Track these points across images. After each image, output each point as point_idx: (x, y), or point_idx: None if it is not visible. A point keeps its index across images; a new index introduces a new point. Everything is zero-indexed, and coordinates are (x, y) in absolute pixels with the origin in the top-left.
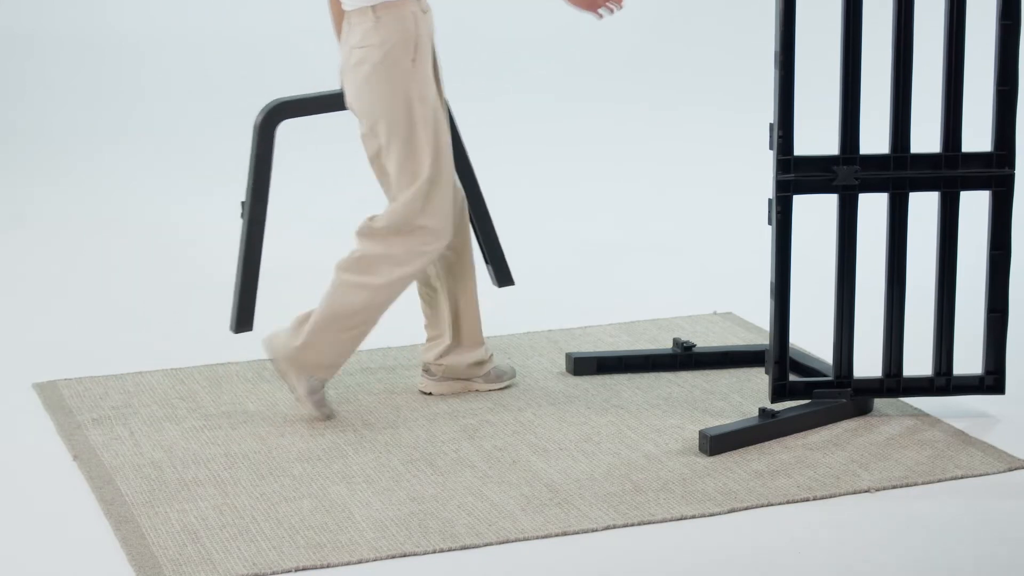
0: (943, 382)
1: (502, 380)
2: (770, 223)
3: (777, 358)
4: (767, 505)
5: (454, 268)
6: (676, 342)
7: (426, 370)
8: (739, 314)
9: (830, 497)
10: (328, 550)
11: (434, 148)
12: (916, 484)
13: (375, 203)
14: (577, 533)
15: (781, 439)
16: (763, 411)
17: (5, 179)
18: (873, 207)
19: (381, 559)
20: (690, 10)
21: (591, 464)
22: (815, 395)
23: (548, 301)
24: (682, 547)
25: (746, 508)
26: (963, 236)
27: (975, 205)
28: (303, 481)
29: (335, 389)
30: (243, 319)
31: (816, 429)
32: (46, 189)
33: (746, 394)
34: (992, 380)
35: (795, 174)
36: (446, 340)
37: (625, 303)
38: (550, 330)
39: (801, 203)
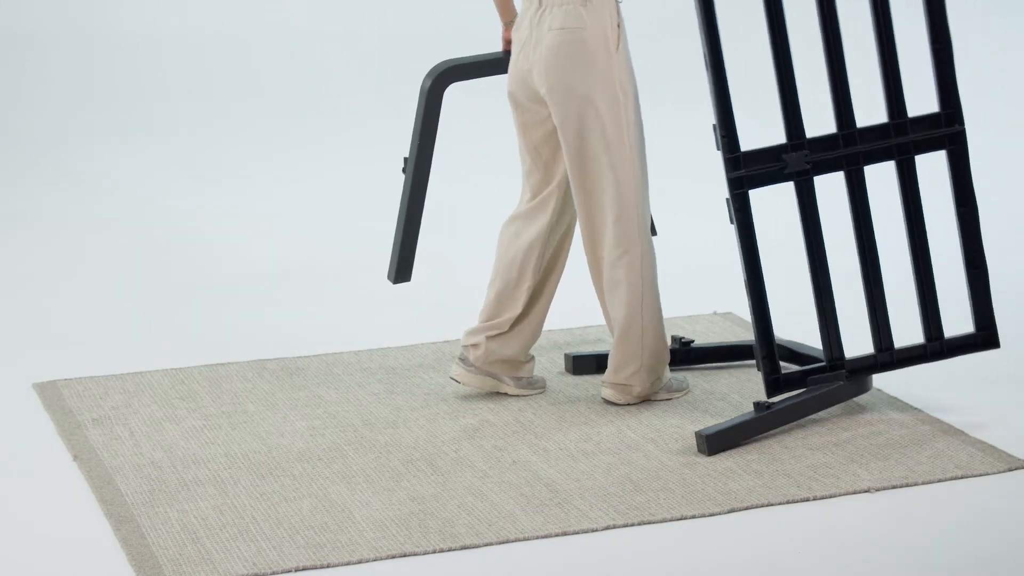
0: (937, 347)
1: (533, 388)
2: (732, 222)
3: (765, 353)
4: (767, 505)
5: (554, 262)
6: (674, 339)
7: (463, 357)
8: (739, 314)
9: (830, 497)
10: (328, 550)
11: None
12: (916, 484)
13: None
14: (577, 533)
15: (781, 439)
16: (758, 404)
17: (4, 179)
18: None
19: (381, 559)
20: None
21: (591, 464)
22: (810, 383)
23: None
24: (682, 547)
25: (746, 508)
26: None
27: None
28: (303, 481)
29: (335, 389)
30: (402, 270)
31: (816, 429)
32: (46, 189)
33: (746, 394)
34: (984, 336)
35: (746, 169)
36: (502, 328)
37: None
38: (550, 330)
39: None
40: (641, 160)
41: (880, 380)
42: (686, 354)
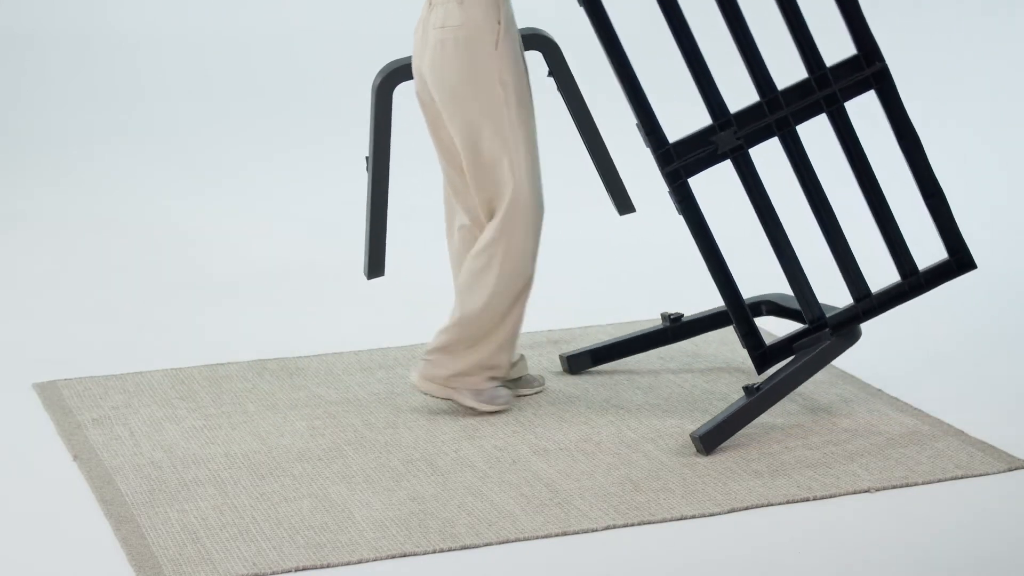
0: (915, 281)
1: (531, 386)
2: (680, 214)
3: (744, 331)
4: (767, 505)
5: None
6: (664, 316)
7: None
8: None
9: (830, 497)
10: (328, 550)
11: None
12: (916, 484)
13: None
14: (577, 533)
15: (781, 440)
16: (747, 388)
17: (4, 179)
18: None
19: (381, 559)
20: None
21: (591, 464)
22: (796, 348)
23: (548, 301)
24: (682, 547)
25: (746, 508)
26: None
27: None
28: (303, 481)
29: (335, 389)
30: (375, 266)
31: (816, 430)
32: (45, 189)
33: None
34: (958, 260)
35: (679, 160)
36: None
37: (625, 303)
38: (550, 330)
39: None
40: (527, 156)
41: (880, 380)
42: (678, 329)
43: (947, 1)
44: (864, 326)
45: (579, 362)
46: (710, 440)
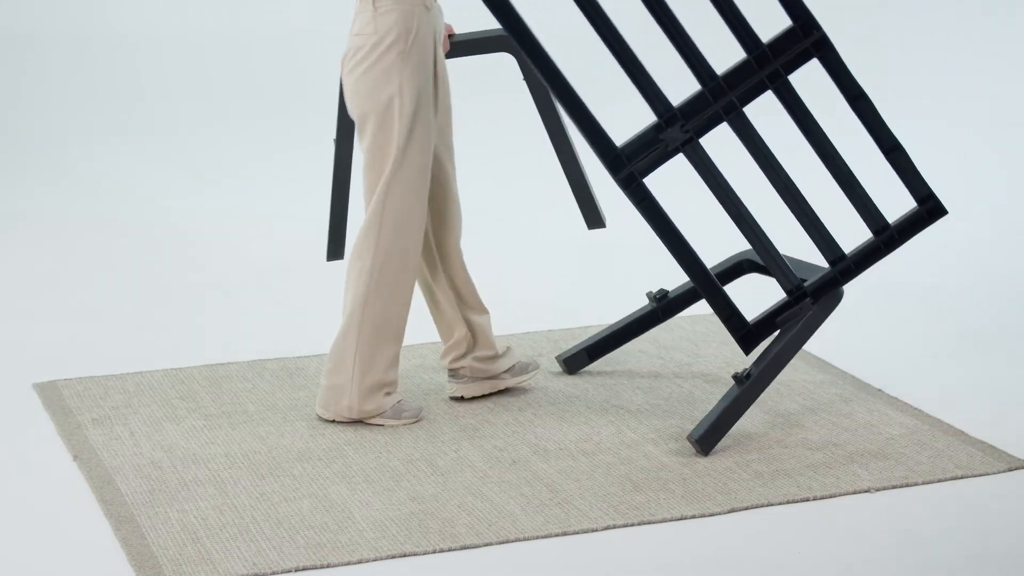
0: (888, 236)
1: (528, 372)
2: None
3: (726, 316)
4: (767, 505)
5: (446, 256)
6: (649, 295)
7: (453, 373)
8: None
9: (830, 497)
10: (328, 550)
11: (402, 144)
12: (916, 484)
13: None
14: (577, 533)
15: (781, 439)
16: (736, 376)
17: (4, 179)
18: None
19: (381, 559)
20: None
21: (591, 464)
22: (780, 323)
23: (547, 301)
24: (682, 547)
25: (746, 508)
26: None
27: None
28: (303, 481)
29: None
30: (334, 249)
31: (816, 430)
32: (46, 189)
33: None
34: (929, 208)
35: (631, 164)
36: (464, 344)
37: (626, 303)
38: (550, 330)
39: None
40: (406, 173)
41: (880, 380)
42: (666, 307)
43: (947, 1)
44: (864, 326)
45: (575, 361)
46: (707, 441)
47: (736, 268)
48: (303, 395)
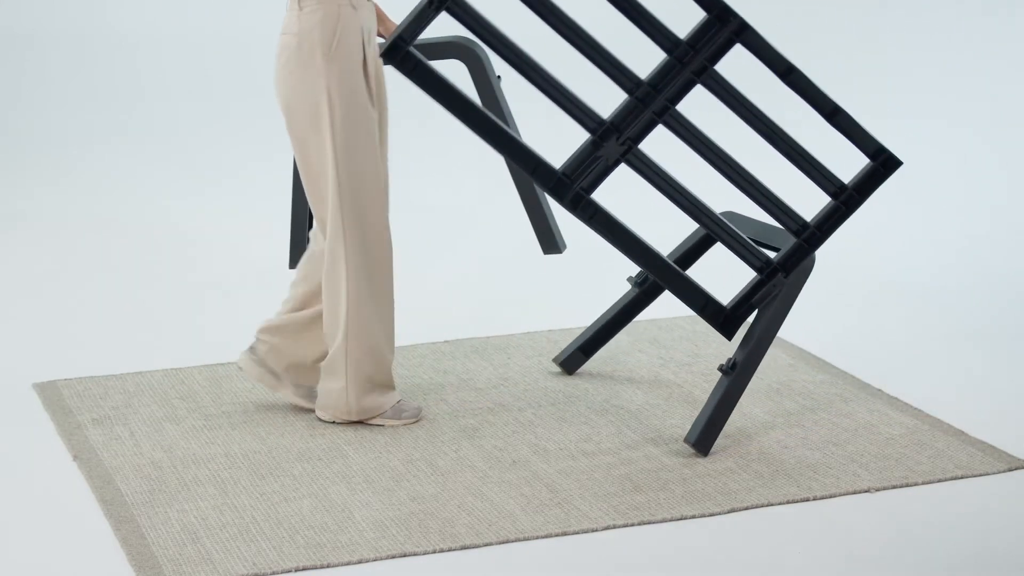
0: (847, 196)
1: (311, 401)
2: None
3: (701, 305)
4: (767, 505)
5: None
6: (631, 281)
7: (253, 348)
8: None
9: (830, 497)
10: (328, 550)
11: (341, 149)
12: (916, 484)
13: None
14: (577, 533)
15: (781, 439)
16: (723, 368)
17: (4, 179)
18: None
19: (381, 559)
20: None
21: (591, 464)
22: (756, 302)
23: (548, 301)
24: (682, 547)
25: (746, 508)
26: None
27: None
28: (303, 481)
29: None
30: (295, 255)
31: (816, 430)
32: (46, 189)
33: (746, 393)
34: (883, 160)
35: (575, 185)
36: (300, 321)
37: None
38: (550, 330)
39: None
40: (354, 174)
41: (880, 380)
42: (649, 289)
43: (947, 1)
44: (864, 326)
45: (572, 361)
46: (705, 440)
47: (707, 238)
48: None
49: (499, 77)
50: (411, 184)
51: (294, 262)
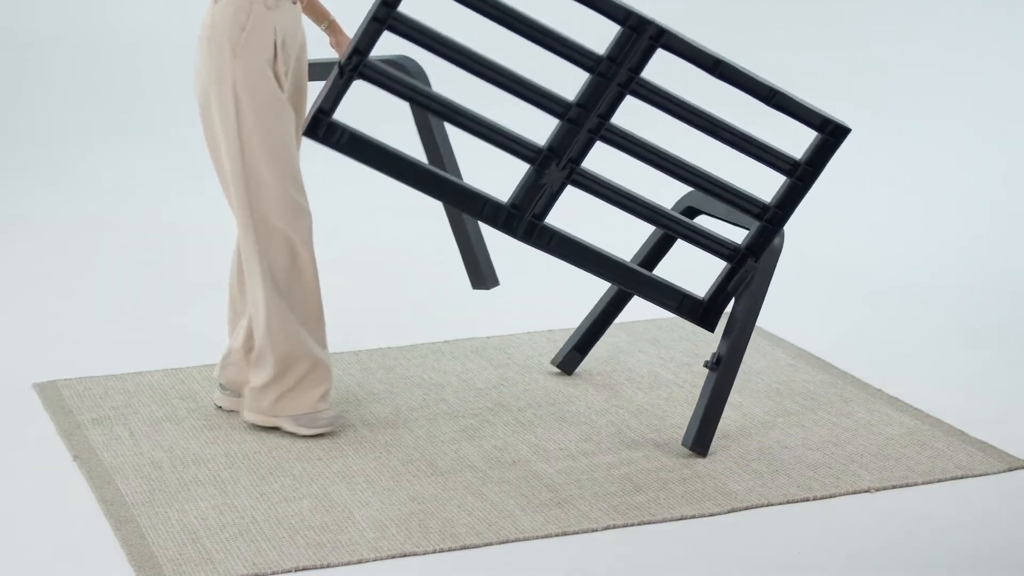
0: (802, 171)
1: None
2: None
3: (675, 305)
4: (767, 505)
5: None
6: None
7: (223, 386)
8: None
9: (830, 497)
10: (328, 550)
11: (240, 145)
12: (916, 484)
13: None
14: (577, 533)
15: (781, 439)
16: (708, 364)
17: (4, 179)
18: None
19: (381, 559)
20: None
21: (591, 464)
22: (732, 290)
23: (548, 301)
24: (682, 547)
25: (746, 508)
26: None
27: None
28: (303, 481)
29: (335, 389)
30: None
31: (816, 430)
32: (46, 189)
33: (746, 393)
34: (831, 130)
35: (527, 216)
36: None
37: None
38: (550, 330)
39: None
40: (256, 173)
41: (880, 380)
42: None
43: (947, 1)
44: (864, 326)
45: (569, 361)
46: (702, 441)
47: (669, 235)
48: None
49: None
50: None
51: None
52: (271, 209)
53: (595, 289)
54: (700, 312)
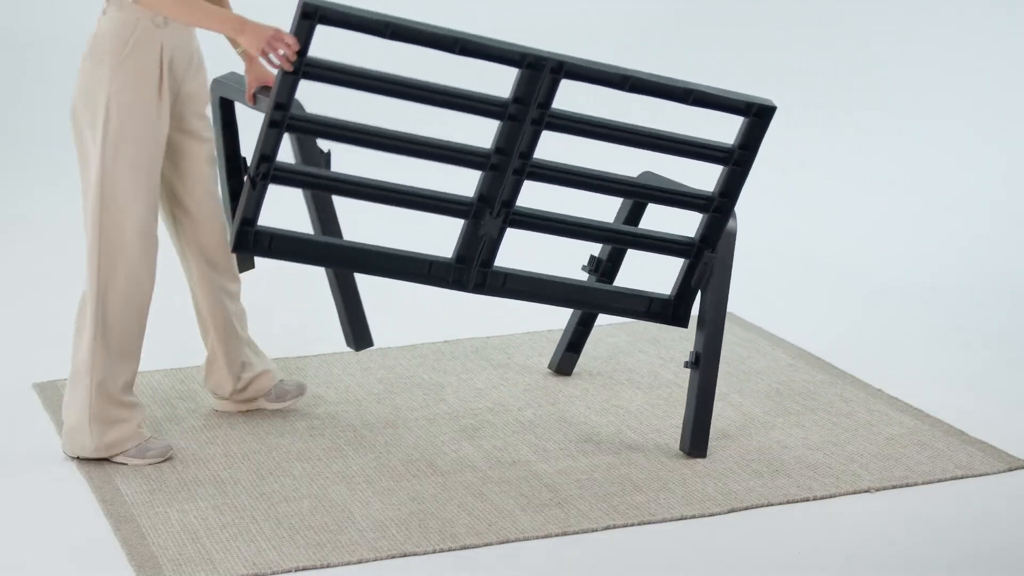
0: (738, 156)
1: (284, 399)
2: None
3: (643, 310)
4: (767, 505)
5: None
6: (586, 269)
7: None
8: (739, 314)
9: (830, 497)
10: (328, 550)
11: (103, 164)
12: (916, 484)
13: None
14: (577, 533)
15: (781, 439)
16: (688, 364)
17: (4, 179)
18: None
19: (381, 559)
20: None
21: (591, 464)
22: (696, 283)
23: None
24: (682, 547)
25: (746, 508)
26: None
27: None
28: (303, 481)
29: (335, 389)
30: (242, 262)
31: (816, 430)
32: (46, 189)
33: (745, 393)
34: (755, 111)
35: (473, 268)
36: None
37: None
38: (550, 330)
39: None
40: (119, 193)
41: (880, 380)
42: (607, 271)
43: (947, 1)
44: (864, 326)
45: (566, 362)
46: (698, 443)
47: (638, 207)
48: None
49: (328, 152)
50: (409, 183)
51: (243, 266)
52: (120, 231)
53: None
54: (670, 311)
